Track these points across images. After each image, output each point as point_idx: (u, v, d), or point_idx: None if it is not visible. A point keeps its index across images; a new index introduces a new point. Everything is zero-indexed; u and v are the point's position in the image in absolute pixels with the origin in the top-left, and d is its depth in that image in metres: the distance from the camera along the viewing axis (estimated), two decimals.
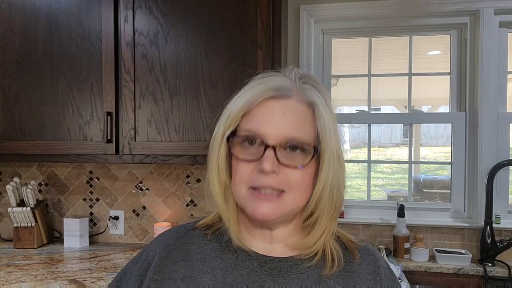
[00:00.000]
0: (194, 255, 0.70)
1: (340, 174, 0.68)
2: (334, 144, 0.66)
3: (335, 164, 0.66)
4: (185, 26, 1.71)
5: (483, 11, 1.87)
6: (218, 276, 0.67)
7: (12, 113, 1.82)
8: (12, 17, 1.81)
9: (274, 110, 0.65)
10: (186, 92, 1.72)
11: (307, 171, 0.65)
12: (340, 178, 0.67)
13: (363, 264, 0.71)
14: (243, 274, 0.67)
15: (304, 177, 0.65)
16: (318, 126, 0.65)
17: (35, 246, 1.99)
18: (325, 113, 0.65)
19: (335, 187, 0.66)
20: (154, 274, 0.70)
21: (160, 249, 0.73)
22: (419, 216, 1.98)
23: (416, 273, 1.82)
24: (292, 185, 0.64)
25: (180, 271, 0.68)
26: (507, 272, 1.74)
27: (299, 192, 0.65)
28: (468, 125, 1.95)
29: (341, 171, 0.68)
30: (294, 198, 0.65)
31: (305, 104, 0.66)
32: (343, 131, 12.14)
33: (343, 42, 2.37)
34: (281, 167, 0.63)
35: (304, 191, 0.66)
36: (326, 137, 0.65)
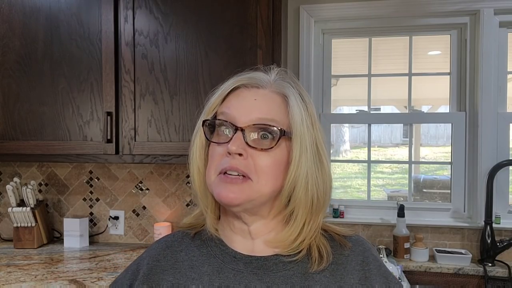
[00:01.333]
0: (182, 262, 0.71)
1: (319, 167, 0.67)
2: (310, 137, 0.66)
3: (309, 156, 0.65)
4: (185, 26, 1.71)
5: (483, 11, 1.87)
6: (205, 282, 0.68)
7: (12, 113, 1.82)
8: (12, 17, 1.81)
9: (246, 97, 0.67)
10: (186, 92, 1.71)
11: (276, 158, 0.65)
12: (317, 172, 0.67)
13: (351, 255, 0.71)
14: (229, 276, 0.68)
15: (273, 161, 0.64)
16: (290, 116, 0.66)
17: (35, 246, 1.98)
18: (297, 106, 0.66)
19: (310, 180, 0.66)
20: (143, 283, 0.70)
21: (149, 259, 0.74)
22: (419, 216, 1.98)
23: (416, 273, 1.82)
24: (258, 171, 0.64)
25: (169, 279, 0.69)
26: (507, 272, 1.74)
27: (265, 179, 0.64)
28: (468, 125, 1.95)
29: (320, 165, 0.67)
30: (259, 184, 0.64)
31: (278, 94, 0.68)
32: (343, 131, 12.08)
33: (343, 42, 2.37)
34: (249, 151, 0.64)
35: (271, 179, 0.65)
36: (297, 127, 0.65)
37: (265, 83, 0.69)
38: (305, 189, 0.65)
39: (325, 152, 0.70)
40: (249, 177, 0.64)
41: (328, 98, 2.10)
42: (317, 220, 0.69)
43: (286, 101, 0.67)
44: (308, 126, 0.66)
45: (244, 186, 0.64)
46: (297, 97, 0.67)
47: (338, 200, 2.10)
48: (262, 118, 0.64)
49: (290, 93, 0.67)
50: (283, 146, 0.65)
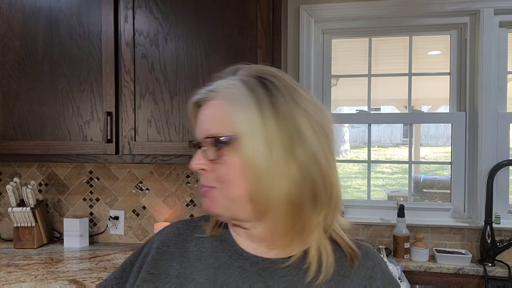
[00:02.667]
0: (192, 252, 0.71)
1: (286, 167, 0.61)
2: (268, 132, 0.60)
3: (269, 153, 0.60)
4: (185, 26, 1.71)
5: (483, 11, 1.87)
6: (210, 275, 0.67)
7: (12, 113, 1.82)
8: (12, 17, 1.81)
9: (201, 113, 0.68)
10: (186, 92, 1.72)
11: (230, 163, 0.63)
12: (292, 168, 0.61)
13: (359, 269, 0.69)
14: (235, 274, 0.67)
15: (227, 169, 0.63)
16: (233, 119, 0.62)
17: (35, 246, 1.99)
18: (242, 106, 0.62)
19: (277, 178, 0.60)
20: (151, 268, 0.71)
21: (160, 244, 0.74)
22: (419, 216, 1.98)
23: (416, 273, 1.82)
24: (219, 180, 0.64)
25: (176, 267, 0.70)
26: (507, 272, 1.74)
27: (227, 185, 0.63)
28: (468, 125, 1.95)
29: (291, 165, 0.61)
30: (223, 191, 0.64)
31: (225, 101, 0.65)
32: (343, 131, 12.09)
33: (343, 42, 2.37)
34: (209, 164, 0.65)
35: (233, 183, 0.63)
36: (242, 128, 0.61)
37: (216, 92, 0.67)
38: (269, 188, 0.60)
39: (301, 144, 0.63)
40: (214, 187, 0.65)
41: (328, 98, 2.10)
42: (310, 222, 0.64)
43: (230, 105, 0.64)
44: (264, 121, 0.61)
45: (212, 197, 0.66)
46: (246, 95, 0.63)
47: None
48: (209, 132, 0.64)
49: (234, 95, 0.64)
50: (234, 151, 0.62)
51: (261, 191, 0.61)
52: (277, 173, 0.60)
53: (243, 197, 0.63)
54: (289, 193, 0.61)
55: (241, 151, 0.61)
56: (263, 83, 0.64)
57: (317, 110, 0.65)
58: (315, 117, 0.64)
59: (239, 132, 0.61)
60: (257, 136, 0.61)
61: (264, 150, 0.60)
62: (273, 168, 0.60)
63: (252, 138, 0.61)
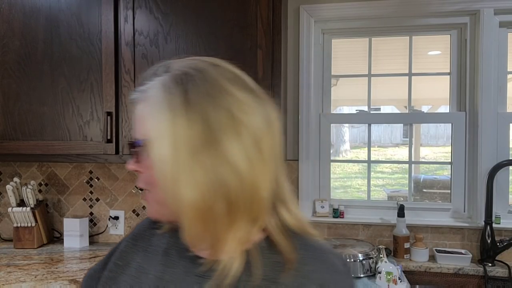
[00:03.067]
0: (153, 246, 0.71)
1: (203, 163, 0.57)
2: (175, 132, 0.57)
3: (173, 156, 0.57)
4: (185, 26, 1.71)
5: (483, 11, 1.87)
6: (158, 271, 0.67)
7: (12, 113, 1.82)
8: (12, 17, 1.81)
9: None
10: None
11: (148, 166, 0.61)
12: (198, 170, 0.56)
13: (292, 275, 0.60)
14: (178, 272, 0.65)
15: (149, 172, 0.62)
16: (145, 123, 0.61)
17: (35, 246, 1.99)
18: (151, 108, 0.60)
19: (184, 180, 0.56)
20: (118, 259, 0.73)
21: (131, 237, 0.76)
22: (419, 216, 1.98)
23: (416, 273, 1.82)
24: (147, 182, 0.64)
25: (138, 260, 0.70)
26: (507, 272, 1.74)
27: (153, 188, 0.63)
28: (468, 125, 1.95)
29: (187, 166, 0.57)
30: (153, 194, 0.64)
31: (144, 103, 0.63)
32: (343, 131, 12.08)
33: (343, 42, 2.37)
34: (139, 166, 0.64)
35: (155, 187, 0.62)
36: (152, 130, 0.59)
37: (143, 94, 0.64)
38: (176, 194, 0.57)
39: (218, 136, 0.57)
40: (146, 189, 0.65)
41: (328, 98, 2.10)
42: (224, 230, 0.59)
43: None
44: (174, 122, 0.57)
45: (146, 198, 0.66)
46: (162, 98, 0.59)
47: (338, 200, 2.10)
48: (134, 133, 0.65)
49: (148, 95, 0.61)
50: (148, 155, 0.60)
51: (168, 196, 0.58)
52: (182, 178, 0.56)
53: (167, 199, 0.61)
54: (195, 200, 0.56)
55: (150, 155, 0.59)
56: (181, 80, 0.60)
57: (246, 106, 0.60)
58: (238, 114, 0.58)
59: (149, 135, 0.59)
60: (165, 139, 0.57)
61: (171, 153, 0.57)
62: (178, 173, 0.57)
63: (160, 141, 0.58)
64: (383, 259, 1.64)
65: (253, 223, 0.60)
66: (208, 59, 0.67)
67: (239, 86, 0.63)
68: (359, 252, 1.66)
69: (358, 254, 1.65)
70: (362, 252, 1.67)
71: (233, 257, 0.60)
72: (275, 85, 1.69)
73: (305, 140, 2.02)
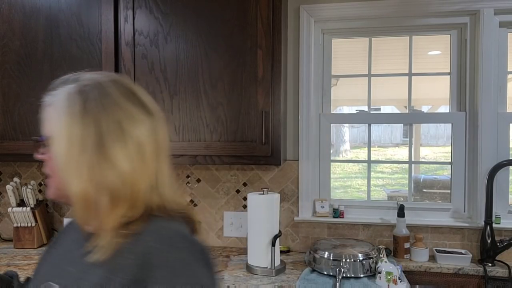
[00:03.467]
0: (65, 234, 0.87)
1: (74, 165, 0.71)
2: (67, 131, 0.71)
3: (63, 151, 0.71)
4: (185, 26, 1.71)
5: (483, 11, 1.87)
6: (46, 249, 0.87)
7: (12, 113, 1.82)
8: (12, 17, 1.81)
9: None
10: (186, 92, 1.72)
11: (50, 158, 0.75)
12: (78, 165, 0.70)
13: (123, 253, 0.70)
14: (65, 245, 0.83)
15: (52, 162, 0.74)
16: (50, 123, 0.74)
17: (35, 246, 1.99)
18: (57, 111, 0.73)
19: (71, 174, 0.71)
20: (48, 248, 0.87)
21: (60, 230, 0.92)
22: (419, 216, 1.98)
23: (416, 273, 1.82)
24: (50, 170, 0.76)
25: (53, 251, 0.84)
26: (507, 272, 1.74)
27: (54, 176, 0.75)
28: (468, 125, 1.95)
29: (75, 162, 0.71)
30: (53, 180, 0.76)
31: (50, 106, 0.75)
32: (343, 131, 12.09)
33: (343, 42, 2.37)
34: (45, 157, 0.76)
35: (55, 175, 0.75)
36: (52, 130, 0.73)
37: (51, 98, 0.76)
38: (66, 184, 0.71)
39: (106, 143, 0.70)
40: (50, 176, 0.76)
41: (328, 98, 2.10)
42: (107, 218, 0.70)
43: None
44: (71, 124, 0.71)
45: (48, 183, 0.77)
46: (64, 104, 0.73)
47: (338, 200, 2.10)
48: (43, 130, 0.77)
49: (56, 104, 0.74)
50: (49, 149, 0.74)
51: (62, 185, 0.72)
52: (72, 172, 0.70)
53: (65, 188, 0.73)
54: (80, 192, 0.70)
55: (51, 149, 0.73)
56: (84, 91, 0.73)
57: (134, 119, 0.73)
58: (126, 126, 0.72)
59: (51, 133, 0.73)
60: (62, 137, 0.71)
61: (65, 149, 0.71)
62: (69, 167, 0.71)
63: (58, 138, 0.71)
64: (383, 259, 1.64)
65: (131, 208, 0.71)
66: (111, 76, 0.78)
67: (131, 101, 0.75)
68: (359, 252, 1.66)
69: (358, 254, 1.65)
70: (362, 252, 1.67)
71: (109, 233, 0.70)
72: (275, 85, 1.69)
73: (305, 140, 2.02)
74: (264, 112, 1.67)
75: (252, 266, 1.71)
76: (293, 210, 2.04)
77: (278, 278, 1.65)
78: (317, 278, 1.64)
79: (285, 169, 2.03)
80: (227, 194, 2.08)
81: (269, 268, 1.67)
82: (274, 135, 1.69)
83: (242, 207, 2.06)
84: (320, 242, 1.83)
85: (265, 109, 1.67)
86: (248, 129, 1.70)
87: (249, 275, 1.68)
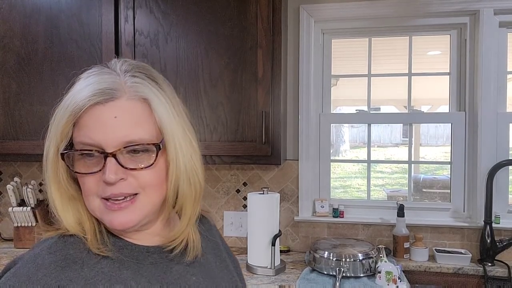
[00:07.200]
0: (93, 278, 0.59)
1: (194, 157, 0.66)
2: (179, 131, 0.64)
3: (184, 150, 0.64)
4: (185, 25, 1.71)
5: (483, 11, 1.87)
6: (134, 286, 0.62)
7: (13, 113, 1.83)
8: (13, 18, 1.81)
9: (104, 116, 0.59)
10: (186, 92, 1.72)
11: (157, 167, 0.62)
12: (194, 162, 0.66)
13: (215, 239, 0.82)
14: (153, 271, 0.65)
15: (155, 173, 0.62)
16: (157, 120, 0.62)
17: None
18: (161, 105, 0.63)
19: (190, 172, 0.65)
20: None
21: None
22: (419, 216, 1.98)
23: (416, 273, 1.82)
24: (144, 186, 0.61)
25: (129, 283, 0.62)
26: (506, 272, 1.74)
27: (153, 190, 0.62)
28: (468, 125, 1.95)
29: (194, 154, 0.67)
30: (149, 197, 0.62)
31: (137, 101, 0.62)
32: (343, 131, 12.09)
33: (343, 42, 2.37)
34: (128, 172, 0.60)
35: (159, 187, 0.63)
36: (167, 129, 0.62)
37: (119, 91, 0.61)
38: (188, 183, 0.65)
39: (192, 131, 0.68)
40: (137, 194, 0.62)
41: (328, 98, 2.10)
42: (197, 209, 0.69)
43: (148, 104, 0.62)
44: (175, 117, 0.65)
45: (136, 206, 0.62)
46: (157, 93, 0.63)
47: (338, 199, 2.10)
48: (131, 139, 0.59)
49: (149, 92, 0.63)
50: (161, 154, 0.62)
51: (179, 190, 0.65)
52: (190, 168, 0.65)
53: (161, 200, 0.65)
54: (198, 185, 0.67)
55: (168, 152, 0.63)
56: (153, 79, 0.66)
57: None
58: None
59: (165, 134, 0.63)
60: (178, 134, 0.64)
61: (184, 145, 0.64)
62: (189, 164, 0.65)
63: (176, 137, 0.63)
64: (383, 258, 1.64)
65: None
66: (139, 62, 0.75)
67: None
68: (359, 252, 1.67)
69: (358, 253, 1.66)
70: (362, 252, 1.67)
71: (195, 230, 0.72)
72: (275, 85, 1.69)
73: (305, 140, 2.02)
74: (264, 112, 1.67)
75: (252, 266, 1.71)
76: (293, 209, 2.04)
77: (278, 277, 1.66)
78: (317, 278, 1.64)
79: (285, 169, 2.04)
80: (227, 193, 2.08)
81: (269, 267, 1.68)
82: (274, 135, 1.69)
83: (242, 207, 2.07)
84: (320, 241, 1.83)
85: (265, 109, 1.68)
86: (248, 129, 1.70)
87: (249, 274, 1.68)
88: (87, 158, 0.60)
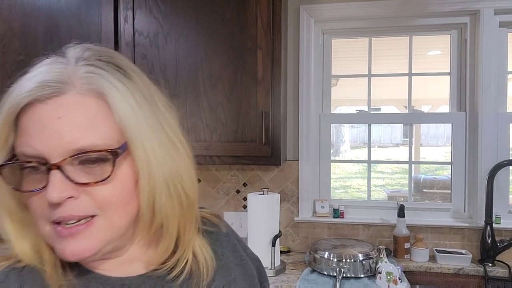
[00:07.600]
0: None
1: (177, 161, 0.53)
2: (151, 130, 0.51)
3: (159, 154, 0.51)
4: (185, 26, 1.71)
5: (483, 11, 1.87)
6: None
7: None
8: (12, 18, 1.81)
9: (46, 117, 0.47)
10: (186, 92, 1.71)
11: (118, 179, 0.49)
12: (177, 167, 0.53)
13: (225, 252, 0.65)
14: None
15: (116, 188, 0.49)
16: (117, 120, 0.49)
17: None
18: (123, 99, 0.49)
19: (170, 181, 0.52)
20: None
21: None
22: (419, 216, 1.98)
23: (417, 273, 1.82)
24: (102, 205, 0.48)
25: None
26: (507, 272, 1.74)
27: (115, 210, 0.49)
28: (468, 125, 1.95)
29: (178, 156, 0.54)
30: (110, 219, 0.49)
31: (91, 96, 0.48)
32: (343, 131, 12.11)
33: (343, 42, 2.37)
34: (79, 188, 0.47)
35: (124, 205, 0.50)
36: (132, 129, 0.49)
37: (66, 84, 0.48)
38: (167, 195, 0.52)
39: (177, 129, 0.56)
40: (95, 216, 0.49)
41: (328, 98, 2.10)
42: (191, 223, 0.57)
43: (105, 99, 0.49)
44: (144, 113, 0.51)
45: (93, 231, 0.48)
46: (117, 83, 0.50)
47: (338, 200, 2.10)
48: (80, 144, 0.46)
49: (105, 84, 0.49)
50: (125, 161, 0.50)
51: (155, 203, 0.52)
52: (170, 176, 0.53)
53: (129, 218, 0.52)
54: (182, 194, 0.55)
55: (135, 158, 0.50)
56: (117, 68, 0.52)
57: None
58: None
59: (130, 135, 0.49)
60: (149, 135, 0.51)
61: (159, 148, 0.51)
62: (168, 170, 0.52)
63: (145, 139, 0.50)
64: (383, 259, 1.64)
65: None
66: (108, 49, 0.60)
67: None
68: (359, 252, 1.66)
69: (358, 254, 1.65)
70: (362, 252, 1.66)
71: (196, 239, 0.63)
72: (275, 85, 1.69)
73: (305, 140, 2.02)
74: (264, 112, 1.67)
75: None
76: (293, 210, 2.04)
77: (278, 278, 1.65)
78: (317, 278, 1.64)
79: (285, 169, 2.03)
80: (227, 194, 2.08)
81: (269, 268, 1.67)
82: (274, 135, 1.69)
83: (242, 207, 2.06)
84: (320, 242, 1.83)
85: (265, 109, 1.67)
86: (248, 129, 1.70)
87: None
88: (33, 172, 0.48)
